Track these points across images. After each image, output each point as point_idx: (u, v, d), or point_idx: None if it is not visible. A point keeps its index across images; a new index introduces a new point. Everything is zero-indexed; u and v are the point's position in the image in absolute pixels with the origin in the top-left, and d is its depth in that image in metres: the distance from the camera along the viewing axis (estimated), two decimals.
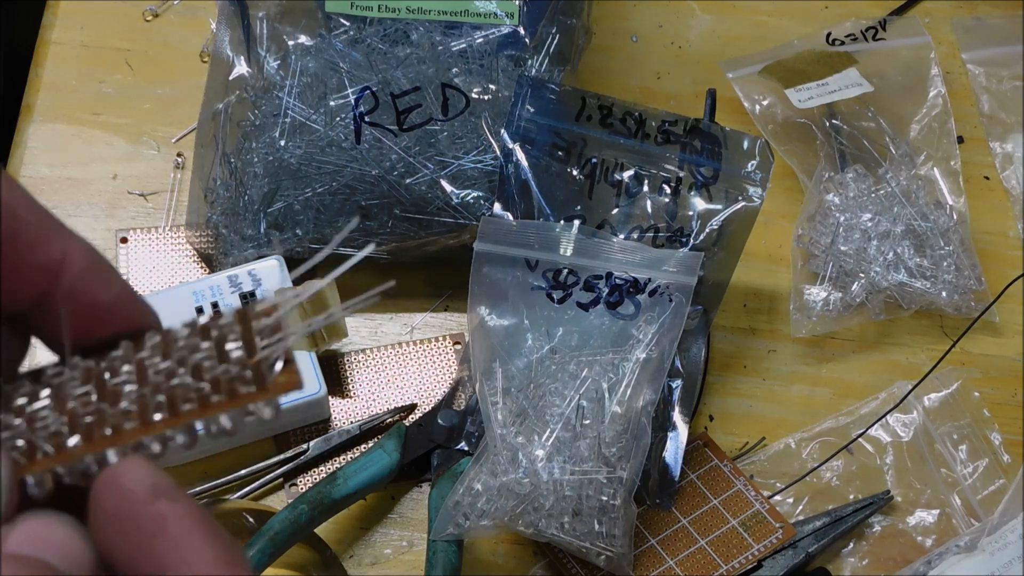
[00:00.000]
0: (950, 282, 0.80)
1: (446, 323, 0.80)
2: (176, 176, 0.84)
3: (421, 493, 0.75)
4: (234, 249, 0.77)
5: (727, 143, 0.76)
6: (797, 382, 0.80)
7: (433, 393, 0.77)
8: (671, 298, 0.71)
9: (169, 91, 0.87)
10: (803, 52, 0.88)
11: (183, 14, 0.90)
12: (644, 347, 0.70)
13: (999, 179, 0.88)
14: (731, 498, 0.74)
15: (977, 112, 0.90)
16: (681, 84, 0.91)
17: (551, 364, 0.70)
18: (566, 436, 0.67)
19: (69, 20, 0.89)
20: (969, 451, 0.77)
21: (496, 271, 0.72)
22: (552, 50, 0.80)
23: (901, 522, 0.75)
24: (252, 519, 0.70)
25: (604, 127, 0.76)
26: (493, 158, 0.75)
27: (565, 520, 0.67)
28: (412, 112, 0.76)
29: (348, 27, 0.79)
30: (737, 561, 0.72)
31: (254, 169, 0.76)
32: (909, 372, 0.80)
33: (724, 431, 0.78)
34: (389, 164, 0.75)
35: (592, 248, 0.73)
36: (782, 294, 0.83)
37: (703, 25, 0.94)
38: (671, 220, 0.75)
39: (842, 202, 0.81)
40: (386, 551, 0.73)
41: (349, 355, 0.78)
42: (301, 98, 0.76)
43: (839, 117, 0.86)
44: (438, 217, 0.76)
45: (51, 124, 0.85)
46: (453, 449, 0.73)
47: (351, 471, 0.71)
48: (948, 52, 0.93)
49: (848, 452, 0.77)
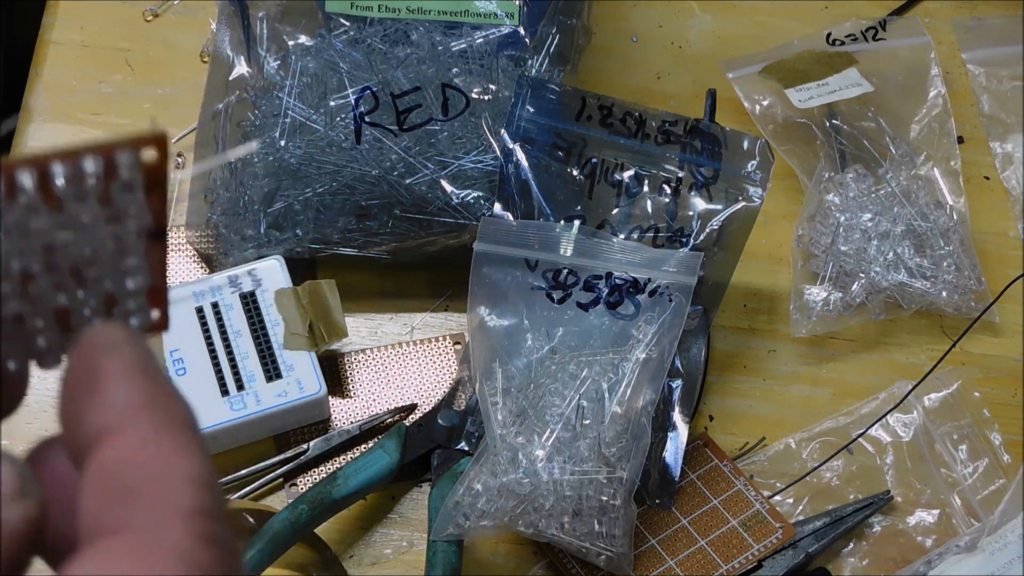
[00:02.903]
0: (950, 282, 0.80)
1: (446, 323, 0.80)
2: (176, 176, 0.84)
3: (421, 493, 0.75)
4: (234, 249, 0.77)
5: (727, 143, 0.76)
6: (797, 382, 0.80)
7: (433, 393, 0.77)
8: (671, 298, 0.71)
9: (169, 91, 0.87)
10: (803, 52, 0.88)
11: (183, 14, 0.90)
12: (644, 347, 0.70)
13: (999, 179, 0.88)
14: (731, 498, 0.74)
15: (977, 112, 0.90)
16: (681, 84, 0.91)
17: (551, 364, 0.70)
18: (566, 436, 0.67)
19: (69, 20, 0.89)
20: (969, 451, 0.77)
21: (496, 271, 0.72)
22: (552, 50, 0.80)
23: (901, 522, 0.75)
24: (252, 519, 0.70)
25: (604, 127, 0.76)
26: (493, 158, 0.75)
27: (565, 520, 0.67)
28: (412, 112, 0.76)
29: (348, 27, 0.79)
30: (737, 561, 0.72)
31: (254, 169, 0.76)
32: (909, 372, 0.80)
33: (724, 431, 0.78)
34: (389, 164, 0.75)
35: (592, 248, 0.73)
36: (782, 294, 0.83)
37: (703, 25, 0.94)
38: (671, 220, 0.75)
39: (842, 202, 0.81)
40: (386, 551, 0.73)
41: (349, 355, 0.78)
42: (301, 98, 0.76)
43: (839, 117, 0.86)
44: (438, 217, 0.76)
45: (51, 124, 0.85)
46: (453, 449, 0.73)
47: (351, 471, 0.71)
48: (948, 52, 0.93)
49: (848, 452, 0.77)
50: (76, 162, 0.32)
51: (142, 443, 0.31)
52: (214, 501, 0.31)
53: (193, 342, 0.74)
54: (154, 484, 0.31)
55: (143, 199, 0.34)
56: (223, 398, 0.73)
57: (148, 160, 0.34)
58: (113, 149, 0.33)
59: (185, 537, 0.30)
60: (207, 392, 0.73)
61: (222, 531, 0.31)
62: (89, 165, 0.33)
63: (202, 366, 0.73)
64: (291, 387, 0.73)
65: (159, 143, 0.34)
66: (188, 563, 0.29)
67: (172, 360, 0.74)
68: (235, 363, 0.73)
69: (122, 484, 0.31)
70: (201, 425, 0.33)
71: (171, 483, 0.31)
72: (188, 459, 0.31)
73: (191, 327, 0.74)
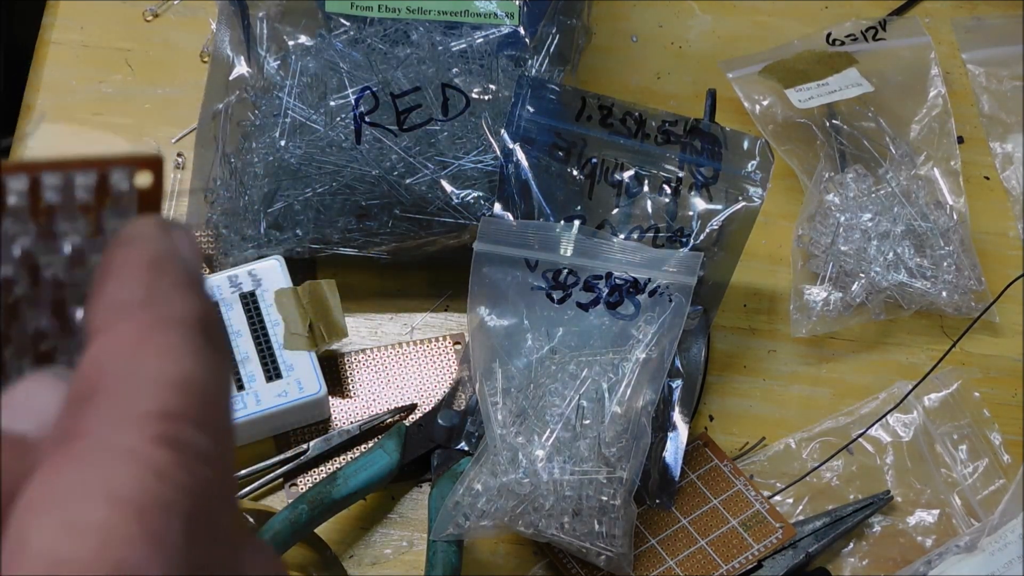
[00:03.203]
0: (950, 282, 0.80)
1: (446, 323, 0.80)
2: (176, 176, 0.84)
3: (421, 493, 0.75)
4: (234, 249, 0.77)
5: (727, 143, 0.76)
6: (797, 382, 0.80)
7: (433, 393, 0.77)
8: (671, 298, 0.72)
9: (169, 91, 0.87)
10: (803, 52, 0.88)
11: (183, 14, 0.90)
12: (644, 347, 0.70)
13: (999, 179, 0.88)
14: (731, 498, 0.74)
15: (977, 112, 0.90)
16: (681, 84, 0.91)
17: (551, 364, 0.70)
18: (566, 436, 0.67)
19: (69, 20, 0.89)
20: (969, 451, 0.77)
21: (496, 271, 0.72)
22: (552, 50, 0.80)
23: (901, 522, 0.75)
24: (252, 519, 0.70)
25: (604, 127, 0.76)
26: (493, 158, 0.75)
27: (565, 520, 0.67)
28: (412, 112, 0.76)
29: (348, 27, 0.79)
30: (737, 561, 0.72)
31: (254, 169, 0.76)
32: (909, 372, 0.80)
33: (724, 431, 0.78)
34: (389, 164, 0.75)
35: (592, 248, 0.73)
36: (782, 294, 0.83)
37: (703, 25, 0.93)
38: (671, 220, 0.75)
39: (842, 202, 0.81)
40: (386, 551, 0.73)
41: (349, 355, 0.78)
42: (301, 98, 0.76)
43: (839, 117, 0.86)
44: (438, 217, 0.76)
45: (51, 124, 0.85)
46: (453, 449, 0.73)
47: (351, 471, 0.71)
48: (948, 52, 0.92)
49: (848, 452, 0.77)
50: (68, 175, 0.31)
51: (124, 342, 0.29)
52: (194, 407, 0.28)
53: None
54: (120, 384, 0.28)
55: None
56: None
57: (142, 184, 0.32)
58: (108, 166, 0.32)
59: (141, 440, 0.27)
60: None
61: (195, 437, 0.27)
62: (81, 179, 0.31)
63: None
64: (291, 387, 0.73)
65: (155, 167, 0.32)
66: (141, 466, 0.26)
67: None
68: (235, 363, 0.73)
69: (89, 387, 0.28)
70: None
71: (138, 384, 0.28)
72: (170, 360, 0.28)
73: None
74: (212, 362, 0.29)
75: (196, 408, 0.28)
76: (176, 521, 0.26)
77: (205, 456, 0.28)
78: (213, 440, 0.28)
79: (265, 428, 0.74)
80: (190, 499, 0.27)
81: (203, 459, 0.28)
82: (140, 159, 0.32)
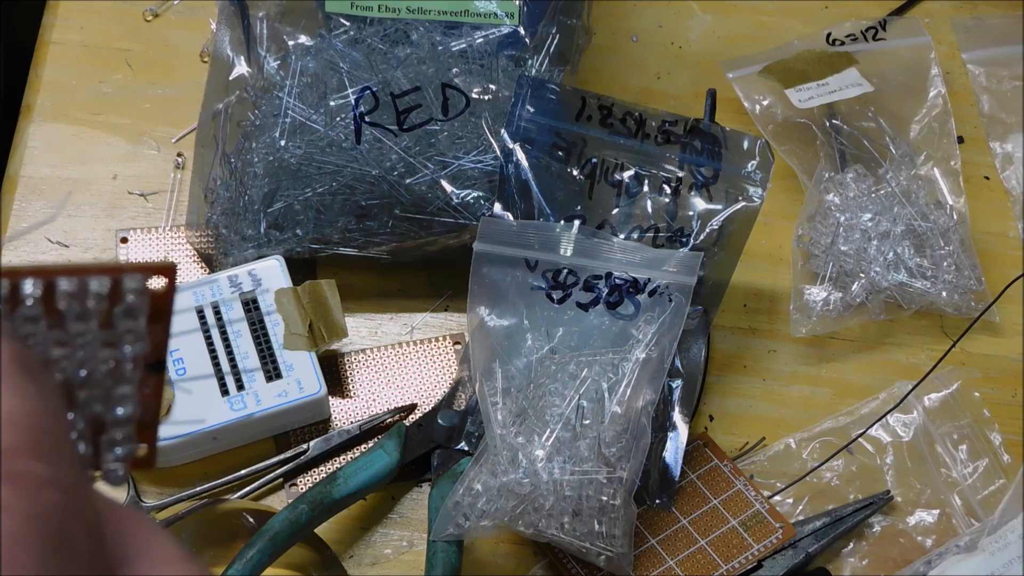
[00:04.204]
0: (950, 282, 0.80)
1: (446, 323, 0.80)
2: (176, 176, 0.84)
3: (421, 493, 0.75)
4: (234, 249, 0.77)
5: (727, 143, 0.76)
6: (797, 382, 0.80)
7: (433, 393, 0.77)
8: (671, 298, 0.72)
9: (169, 91, 0.87)
10: (803, 52, 0.88)
11: (183, 14, 0.90)
12: (644, 347, 0.70)
13: (999, 179, 0.88)
14: (731, 498, 0.74)
15: (977, 112, 0.90)
16: (681, 84, 0.91)
17: (551, 364, 0.70)
18: (566, 436, 0.67)
19: (69, 20, 0.89)
20: (969, 451, 0.77)
21: (496, 271, 0.72)
22: (552, 50, 0.80)
23: (901, 522, 0.75)
24: (252, 519, 0.70)
25: (604, 127, 0.76)
26: (493, 158, 0.75)
27: (565, 520, 0.67)
28: (412, 112, 0.76)
29: (348, 27, 0.79)
30: (737, 561, 0.72)
31: (254, 169, 0.76)
32: (909, 372, 0.80)
33: (724, 431, 0.78)
34: (389, 164, 0.75)
35: (592, 248, 0.73)
36: (782, 294, 0.83)
37: (703, 25, 0.93)
38: (671, 220, 0.75)
39: (842, 202, 0.81)
40: (386, 551, 0.73)
41: (349, 355, 0.78)
42: (301, 98, 0.76)
43: (839, 117, 0.86)
44: (438, 217, 0.76)
45: (51, 124, 0.85)
46: (453, 449, 0.73)
47: (351, 471, 0.71)
48: (948, 52, 0.93)
49: (848, 452, 0.77)
50: (82, 280, 0.33)
51: None
52: (26, 437, 0.29)
53: (193, 342, 0.74)
54: None
55: (144, 327, 0.34)
56: (223, 398, 0.73)
57: (155, 289, 0.34)
58: (121, 272, 0.33)
59: None
60: (207, 392, 0.73)
61: (33, 467, 0.29)
62: (95, 285, 0.33)
63: (202, 366, 0.73)
64: (291, 387, 0.73)
65: (168, 273, 0.34)
66: None
67: (172, 360, 0.74)
68: (235, 363, 0.73)
69: None
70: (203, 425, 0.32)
71: None
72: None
73: (191, 327, 0.74)
74: (36, 392, 0.30)
75: (28, 438, 0.29)
76: (27, 548, 0.28)
77: (49, 481, 0.29)
78: (52, 465, 0.29)
79: (265, 428, 0.74)
80: (38, 526, 0.28)
81: (47, 485, 0.29)
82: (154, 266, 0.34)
